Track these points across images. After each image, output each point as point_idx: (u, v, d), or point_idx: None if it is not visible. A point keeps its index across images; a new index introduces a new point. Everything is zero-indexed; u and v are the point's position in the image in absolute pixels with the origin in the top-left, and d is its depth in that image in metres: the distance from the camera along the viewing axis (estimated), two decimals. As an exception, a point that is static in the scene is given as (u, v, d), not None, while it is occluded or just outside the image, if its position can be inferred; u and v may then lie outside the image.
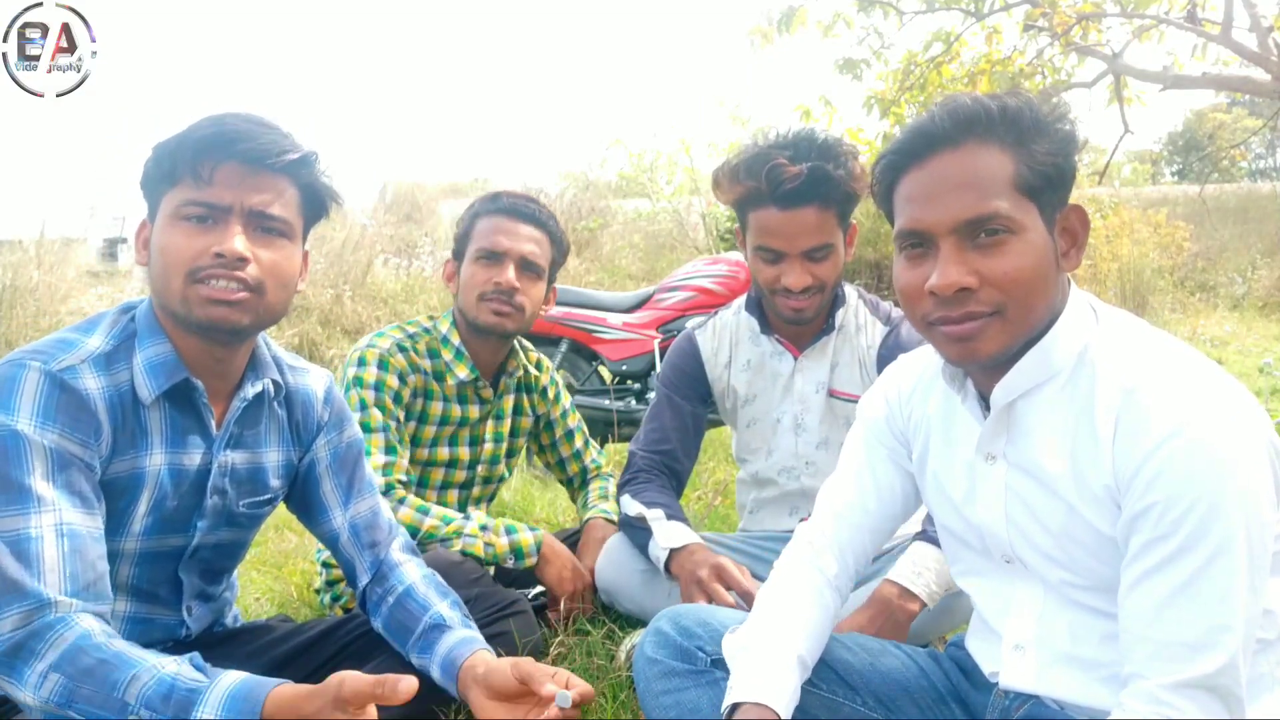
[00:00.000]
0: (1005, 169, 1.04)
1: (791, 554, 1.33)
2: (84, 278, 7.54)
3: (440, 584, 1.51)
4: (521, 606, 1.74)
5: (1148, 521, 0.97)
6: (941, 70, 5.04)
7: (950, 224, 1.04)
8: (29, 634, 1.09)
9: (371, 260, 8.14)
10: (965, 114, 1.05)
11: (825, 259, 1.84)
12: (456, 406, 2.10)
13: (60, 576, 1.13)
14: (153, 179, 1.30)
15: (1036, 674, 1.14)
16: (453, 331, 2.08)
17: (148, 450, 1.29)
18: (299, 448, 1.51)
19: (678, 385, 2.09)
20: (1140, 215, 9.74)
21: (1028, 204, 1.04)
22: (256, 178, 1.28)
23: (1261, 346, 7.06)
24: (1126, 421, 1.01)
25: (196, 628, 1.44)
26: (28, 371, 1.18)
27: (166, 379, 1.29)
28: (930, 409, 1.26)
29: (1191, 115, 24.31)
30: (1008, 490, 1.14)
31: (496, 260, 2.01)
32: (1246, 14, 3.93)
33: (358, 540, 1.51)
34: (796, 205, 1.77)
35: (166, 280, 1.27)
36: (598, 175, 13.04)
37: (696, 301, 3.99)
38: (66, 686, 1.07)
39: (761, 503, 2.11)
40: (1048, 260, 1.06)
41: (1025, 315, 1.05)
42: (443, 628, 1.40)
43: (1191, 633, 0.94)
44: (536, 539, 1.97)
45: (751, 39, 4.86)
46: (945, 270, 1.04)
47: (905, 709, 1.28)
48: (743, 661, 1.18)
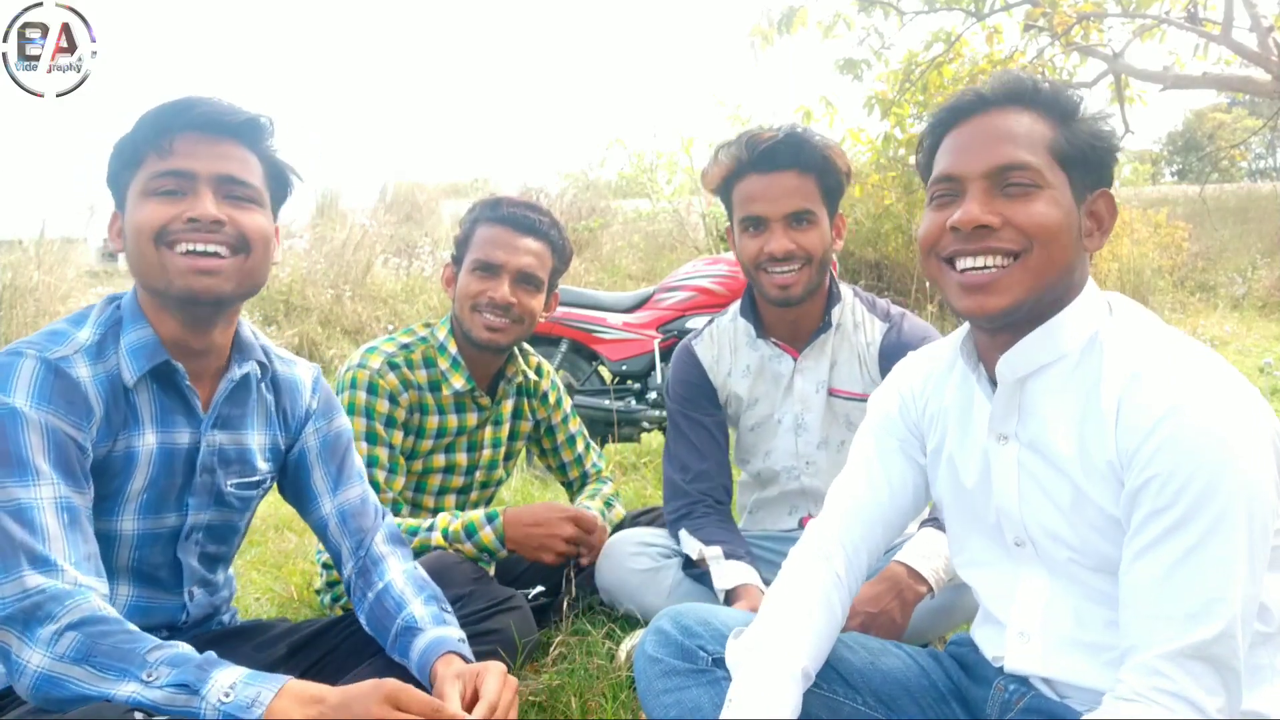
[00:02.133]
0: (1044, 133, 1.11)
1: (802, 551, 1.32)
2: (84, 278, 7.54)
3: (419, 578, 1.50)
4: (517, 603, 1.72)
5: (1147, 495, 1.00)
6: (942, 70, 5.04)
7: (982, 168, 1.10)
8: (47, 597, 1.12)
9: (371, 260, 8.14)
10: (1016, 83, 1.13)
11: (809, 227, 1.84)
12: (453, 416, 2.08)
13: (64, 545, 1.16)
14: (115, 170, 1.33)
15: (1042, 658, 1.15)
16: (450, 339, 2.06)
17: (140, 431, 1.33)
18: (286, 433, 1.53)
19: (690, 399, 2.06)
20: (1140, 215, 9.74)
21: (1060, 171, 1.10)
22: (217, 145, 1.32)
23: (1261, 346, 7.07)
24: (1130, 401, 1.04)
25: (197, 613, 1.45)
26: (24, 359, 1.23)
27: (147, 360, 1.32)
28: (947, 399, 1.28)
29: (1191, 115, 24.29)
30: (1020, 469, 1.16)
31: (493, 274, 1.99)
32: (1247, 14, 3.94)
33: (345, 527, 1.53)
34: (775, 168, 1.83)
35: (140, 253, 1.30)
36: (598, 175, 13.03)
37: (696, 301, 3.99)
38: (85, 643, 1.10)
39: (762, 503, 2.11)
40: (1072, 227, 1.10)
41: (1045, 265, 1.08)
42: (414, 630, 1.40)
43: (1188, 603, 0.96)
44: (497, 531, 1.91)
45: (752, 39, 4.86)
46: (968, 207, 1.10)
47: (906, 708, 1.28)
48: (746, 673, 1.17)
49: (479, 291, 1.99)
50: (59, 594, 1.12)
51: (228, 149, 1.33)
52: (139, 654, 1.10)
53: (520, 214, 2.03)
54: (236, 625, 1.59)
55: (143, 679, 1.08)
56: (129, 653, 1.10)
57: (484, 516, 1.94)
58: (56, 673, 1.09)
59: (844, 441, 1.98)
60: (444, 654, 1.35)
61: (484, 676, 1.29)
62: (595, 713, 1.63)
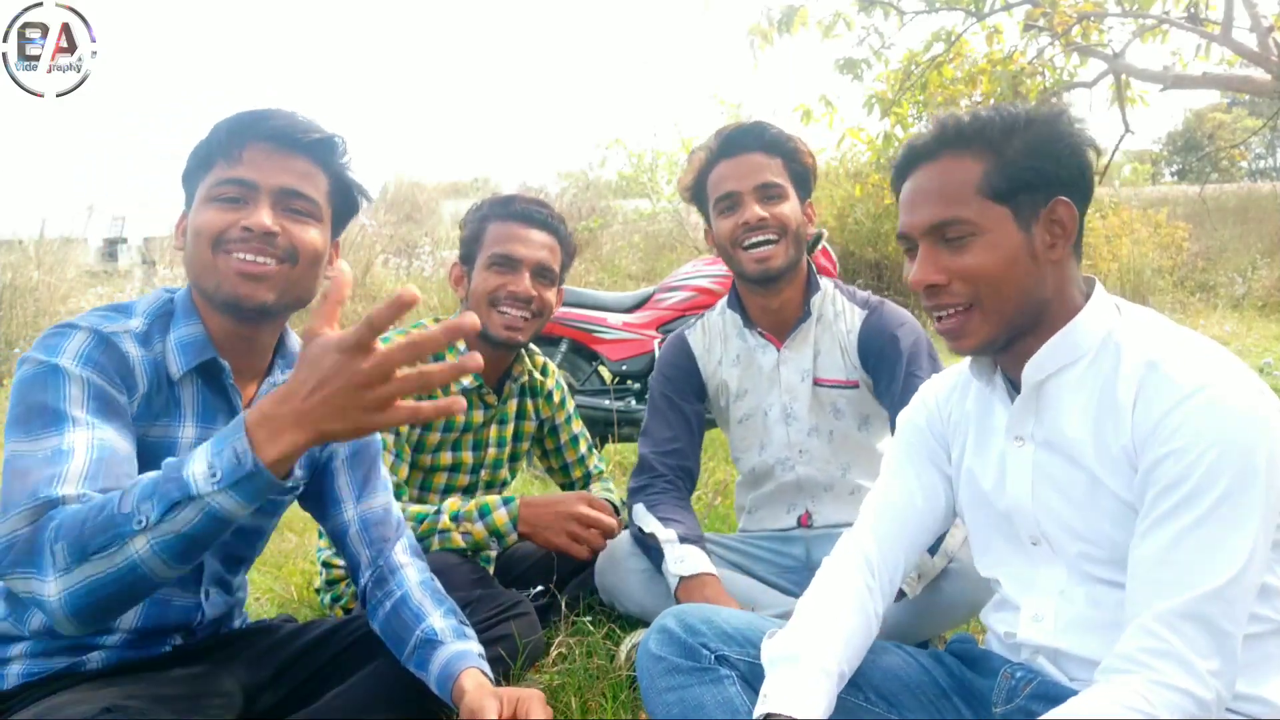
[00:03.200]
0: (973, 176, 1.16)
1: (836, 560, 1.33)
2: (83, 277, 7.55)
3: (437, 590, 1.51)
4: (524, 608, 1.73)
5: (1161, 472, 1.03)
6: (942, 70, 5.04)
7: (922, 227, 1.19)
8: (35, 529, 1.07)
9: (371, 260, 8.15)
10: (941, 129, 1.20)
11: (780, 200, 1.92)
12: (459, 413, 2.08)
13: (81, 478, 1.12)
14: (191, 171, 1.37)
15: (1054, 634, 1.18)
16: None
17: (180, 421, 1.33)
18: None
19: (675, 383, 2.09)
20: (1140, 215, 9.75)
21: (996, 207, 1.15)
22: (285, 158, 1.34)
23: (1261, 346, 7.07)
24: (1148, 387, 1.08)
25: (211, 613, 1.44)
26: (76, 331, 1.25)
27: (195, 356, 1.33)
28: (968, 406, 1.32)
29: (1191, 115, 24.33)
30: (1035, 468, 1.20)
31: (512, 268, 2.00)
32: (1247, 14, 3.94)
33: (366, 536, 1.51)
34: (741, 151, 1.93)
35: (198, 254, 1.32)
36: (598, 175, 13.05)
37: (696, 301, 3.99)
38: (74, 543, 1.04)
39: (759, 501, 2.11)
40: (1019, 255, 1.15)
41: (1000, 305, 1.15)
42: (434, 643, 1.40)
43: (1186, 566, 0.98)
44: (512, 513, 1.92)
45: (751, 39, 4.86)
46: (917, 269, 1.20)
47: (908, 705, 1.28)
48: (782, 671, 1.17)
49: (498, 286, 1.99)
50: (45, 521, 1.07)
51: (295, 163, 1.34)
52: (119, 515, 1.03)
53: (533, 210, 2.06)
54: (242, 629, 1.58)
55: (139, 528, 1.02)
56: (108, 521, 1.03)
57: (499, 499, 1.96)
58: (75, 585, 1.04)
59: (833, 430, 2.01)
60: (467, 668, 1.36)
61: (527, 704, 1.30)
62: (595, 713, 1.63)
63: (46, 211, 8.39)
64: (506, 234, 2.02)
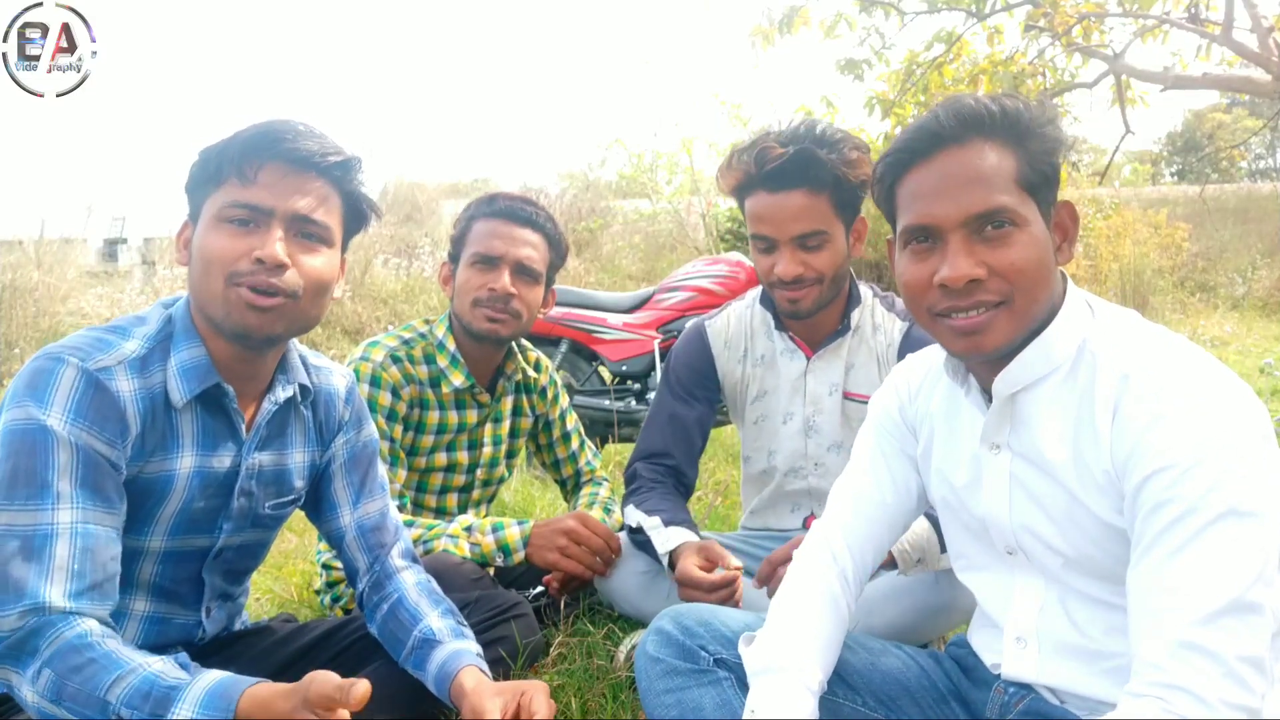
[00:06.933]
0: (1009, 165, 1.08)
1: (808, 553, 1.32)
2: (83, 278, 7.54)
3: (433, 591, 1.50)
4: (522, 609, 1.72)
5: (1147, 493, 0.97)
6: (943, 71, 5.03)
7: (959, 218, 1.07)
8: (29, 632, 1.10)
9: (371, 260, 8.15)
10: (969, 113, 1.08)
11: (819, 248, 1.80)
12: (453, 413, 2.08)
13: (67, 575, 1.13)
14: (198, 181, 1.31)
15: (1038, 665, 1.14)
16: (449, 337, 2.06)
17: (178, 452, 1.30)
18: (322, 447, 1.51)
19: (685, 384, 2.04)
20: (1140, 215, 9.75)
21: (1029, 200, 1.08)
22: (300, 180, 1.29)
23: (1261, 347, 7.07)
24: (1124, 405, 1.03)
25: (212, 630, 1.44)
26: (65, 367, 1.19)
27: (199, 383, 1.29)
28: (934, 405, 1.28)
29: (1191, 115, 24.33)
30: (1012, 479, 1.15)
31: (492, 265, 1.99)
32: (1247, 14, 3.93)
33: (363, 541, 1.51)
34: (783, 188, 1.77)
35: (206, 282, 1.27)
36: (598, 175, 13.05)
37: (696, 302, 3.99)
38: (56, 683, 1.08)
39: (764, 501, 2.10)
40: (1048, 253, 1.10)
41: (1029, 305, 1.08)
42: (432, 643, 1.40)
43: (1188, 591, 0.91)
44: (524, 534, 1.90)
45: (752, 39, 4.86)
46: (955, 262, 1.07)
47: (906, 708, 1.28)
48: (764, 682, 1.17)
49: (479, 284, 1.98)
50: (42, 626, 1.10)
51: (310, 185, 1.30)
52: (99, 698, 1.07)
53: (516, 207, 2.04)
54: (242, 630, 1.58)
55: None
56: (90, 697, 1.07)
57: (515, 521, 1.95)
58: (45, 711, 1.09)
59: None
60: (466, 666, 1.35)
61: (531, 696, 1.29)
62: (595, 713, 1.62)
63: (46, 211, 8.38)
64: (489, 231, 2.01)
